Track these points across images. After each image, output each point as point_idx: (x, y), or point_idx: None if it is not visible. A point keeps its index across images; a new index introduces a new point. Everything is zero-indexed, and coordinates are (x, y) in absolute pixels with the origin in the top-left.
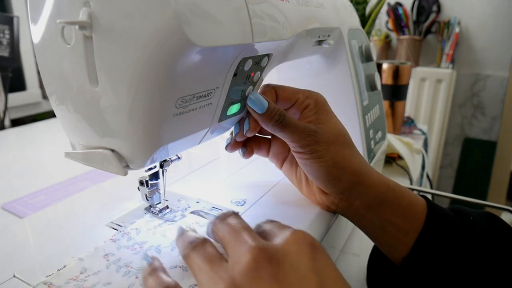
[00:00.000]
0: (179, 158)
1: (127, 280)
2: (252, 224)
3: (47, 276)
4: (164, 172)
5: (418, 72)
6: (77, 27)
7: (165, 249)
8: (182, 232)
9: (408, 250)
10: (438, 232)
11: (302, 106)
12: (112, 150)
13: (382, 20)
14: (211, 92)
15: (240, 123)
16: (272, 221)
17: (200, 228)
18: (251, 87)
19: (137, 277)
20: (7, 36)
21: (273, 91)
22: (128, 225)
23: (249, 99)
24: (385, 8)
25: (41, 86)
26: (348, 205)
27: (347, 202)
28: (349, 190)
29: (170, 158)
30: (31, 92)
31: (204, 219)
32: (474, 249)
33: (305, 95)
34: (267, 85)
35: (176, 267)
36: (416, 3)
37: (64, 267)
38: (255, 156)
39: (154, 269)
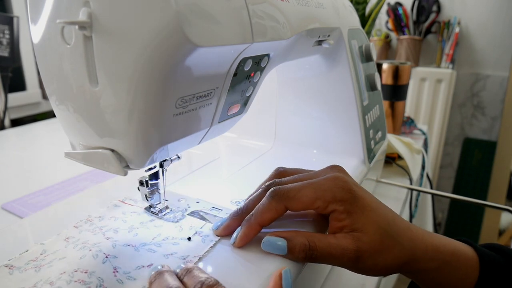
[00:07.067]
0: (179, 157)
1: (81, 252)
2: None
3: (9, 260)
4: (164, 171)
5: (418, 72)
6: (77, 27)
7: (122, 231)
8: (158, 273)
9: None
10: (492, 285)
11: (327, 211)
12: (112, 150)
13: (382, 20)
14: (211, 92)
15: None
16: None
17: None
18: (251, 87)
19: (90, 250)
20: (7, 36)
21: (282, 206)
22: (93, 214)
23: (264, 245)
24: (385, 8)
25: (41, 86)
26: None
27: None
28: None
29: (170, 158)
30: (31, 92)
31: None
32: None
33: (326, 201)
34: (273, 197)
35: (129, 245)
36: (416, 3)
37: (27, 251)
38: (254, 155)
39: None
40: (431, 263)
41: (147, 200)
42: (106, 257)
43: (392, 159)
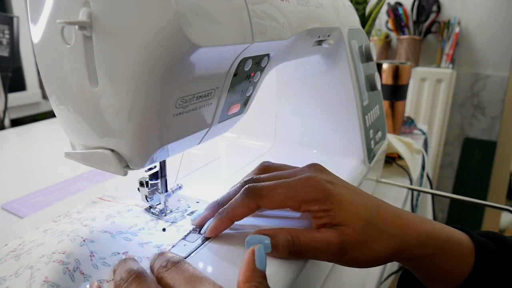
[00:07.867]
0: (179, 187)
1: (59, 238)
2: (252, 224)
3: None
4: (164, 169)
5: (418, 72)
6: (77, 27)
7: (99, 219)
8: (121, 261)
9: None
10: (487, 275)
11: (301, 211)
12: (112, 150)
13: (382, 20)
14: (211, 92)
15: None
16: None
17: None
18: (251, 87)
19: (68, 235)
20: (7, 36)
21: (254, 204)
22: (71, 209)
23: (248, 243)
24: (385, 8)
25: (41, 86)
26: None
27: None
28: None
29: (172, 189)
30: (31, 92)
31: None
32: None
33: (298, 201)
34: (246, 194)
35: (106, 232)
36: (416, 3)
37: (6, 245)
38: (255, 155)
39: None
40: (425, 250)
41: (147, 201)
42: (84, 240)
43: (392, 159)
